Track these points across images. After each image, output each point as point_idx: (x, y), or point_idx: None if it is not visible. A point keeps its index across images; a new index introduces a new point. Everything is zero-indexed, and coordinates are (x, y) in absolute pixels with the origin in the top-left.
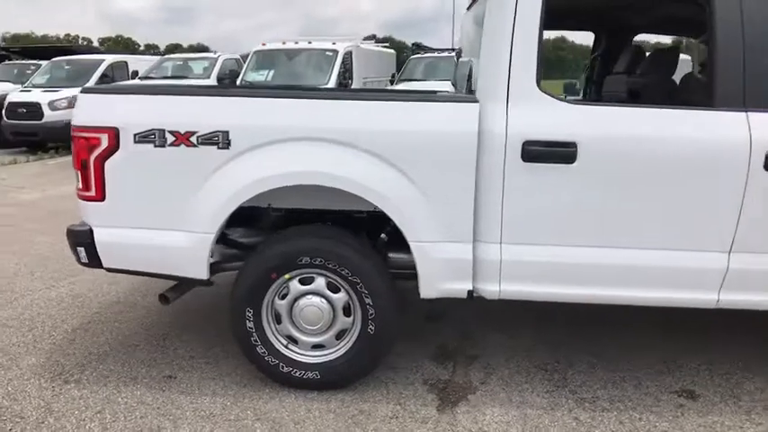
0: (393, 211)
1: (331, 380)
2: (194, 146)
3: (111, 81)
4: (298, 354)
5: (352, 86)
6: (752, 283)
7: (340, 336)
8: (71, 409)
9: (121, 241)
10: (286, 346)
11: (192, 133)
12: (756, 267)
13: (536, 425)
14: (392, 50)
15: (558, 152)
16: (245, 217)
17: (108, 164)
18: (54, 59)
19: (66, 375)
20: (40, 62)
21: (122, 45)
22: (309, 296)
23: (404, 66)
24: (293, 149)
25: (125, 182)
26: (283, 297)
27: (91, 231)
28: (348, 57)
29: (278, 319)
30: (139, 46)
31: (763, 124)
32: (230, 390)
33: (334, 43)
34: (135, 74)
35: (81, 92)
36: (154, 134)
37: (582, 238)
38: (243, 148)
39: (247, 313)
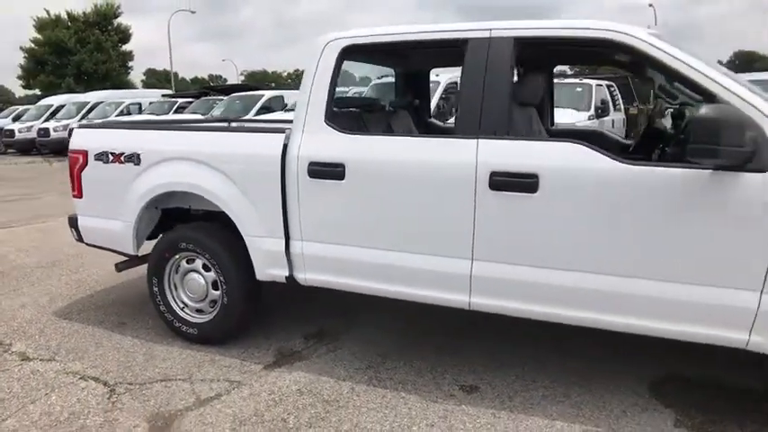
0: (232, 213)
1: (205, 336)
2: (122, 163)
3: (268, 111)
4: (187, 314)
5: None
6: (496, 288)
7: (212, 304)
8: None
9: (90, 225)
10: (181, 309)
11: (122, 154)
12: (498, 276)
13: (338, 386)
14: None
15: (331, 171)
16: (180, 215)
17: (83, 174)
18: (231, 95)
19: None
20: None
21: None
22: (192, 272)
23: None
24: (173, 167)
25: (91, 186)
26: (177, 271)
27: (76, 218)
28: (453, 87)
29: (176, 288)
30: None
31: (489, 150)
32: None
33: (437, 75)
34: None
35: (76, 128)
36: (103, 154)
37: (355, 240)
38: (147, 165)
39: (153, 281)
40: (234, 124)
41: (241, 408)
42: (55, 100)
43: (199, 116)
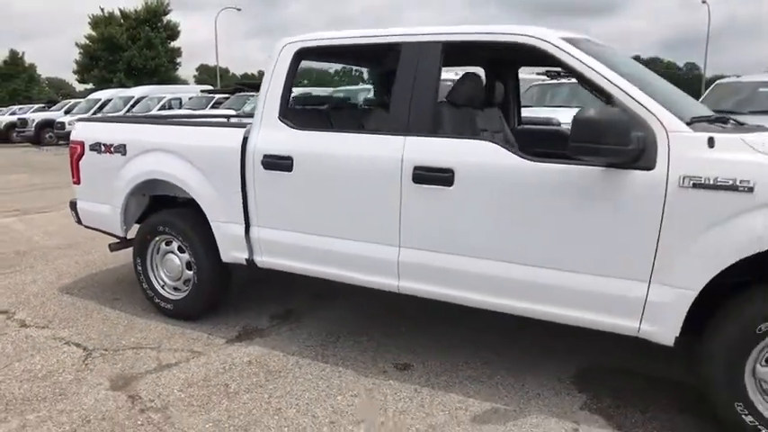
0: (200, 200)
1: (179, 312)
2: (112, 153)
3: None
4: (165, 292)
5: None
6: (419, 273)
7: (186, 283)
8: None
9: (87, 208)
10: (161, 287)
11: (111, 145)
12: (420, 262)
13: (285, 360)
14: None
15: (281, 163)
16: (168, 202)
17: (80, 163)
18: None
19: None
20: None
21: None
22: (170, 254)
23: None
24: (153, 157)
25: (87, 174)
26: (158, 252)
27: (76, 203)
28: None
29: (156, 267)
30: None
31: (413, 146)
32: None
33: (456, 73)
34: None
35: (75, 121)
36: (97, 145)
37: (302, 227)
38: (132, 155)
39: (138, 260)
40: (234, 119)
41: (194, 373)
42: (103, 94)
43: (232, 111)
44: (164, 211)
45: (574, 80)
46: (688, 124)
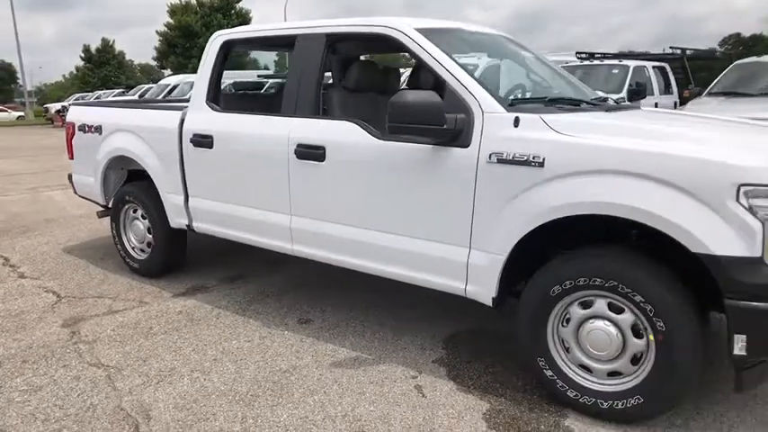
0: (151, 173)
1: (143, 270)
2: (92, 133)
3: None
4: (134, 253)
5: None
6: (305, 238)
7: (148, 245)
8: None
9: (78, 180)
10: (132, 249)
11: (92, 126)
12: (305, 228)
13: (210, 311)
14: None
15: (205, 141)
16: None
17: (73, 141)
18: None
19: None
20: None
21: None
22: (136, 220)
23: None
24: (119, 136)
25: (77, 150)
26: (128, 218)
27: (71, 175)
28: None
29: (127, 232)
30: None
31: (297, 126)
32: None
33: (479, 57)
34: None
35: (70, 105)
36: (83, 126)
37: (221, 197)
38: (105, 135)
39: (113, 225)
40: None
41: (130, 318)
42: (172, 80)
43: None
44: (131, 183)
45: (597, 61)
46: (511, 105)
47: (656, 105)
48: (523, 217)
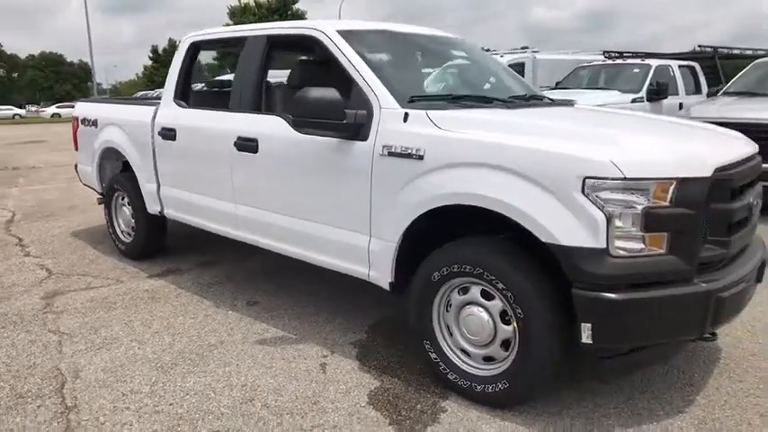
0: (132, 163)
1: (129, 252)
2: (90, 126)
3: None
4: (122, 236)
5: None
6: (245, 224)
7: (133, 229)
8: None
9: (81, 169)
10: (122, 233)
11: (90, 120)
12: (245, 215)
13: (172, 292)
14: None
15: (170, 134)
16: None
17: (77, 133)
18: None
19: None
20: None
21: None
22: (123, 206)
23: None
24: (109, 129)
25: (80, 142)
26: (117, 205)
27: (77, 165)
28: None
29: (117, 216)
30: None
31: (239, 121)
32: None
33: (501, 56)
34: None
35: (78, 101)
36: (84, 120)
37: (182, 185)
38: (100, 128)
39: (106, 210)
40: None
41: (101, 294)
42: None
43: None
44: (120, 172)
45: (620, 60)
46: (410, 102)
47: (680, 105)
48: (408, 206)
